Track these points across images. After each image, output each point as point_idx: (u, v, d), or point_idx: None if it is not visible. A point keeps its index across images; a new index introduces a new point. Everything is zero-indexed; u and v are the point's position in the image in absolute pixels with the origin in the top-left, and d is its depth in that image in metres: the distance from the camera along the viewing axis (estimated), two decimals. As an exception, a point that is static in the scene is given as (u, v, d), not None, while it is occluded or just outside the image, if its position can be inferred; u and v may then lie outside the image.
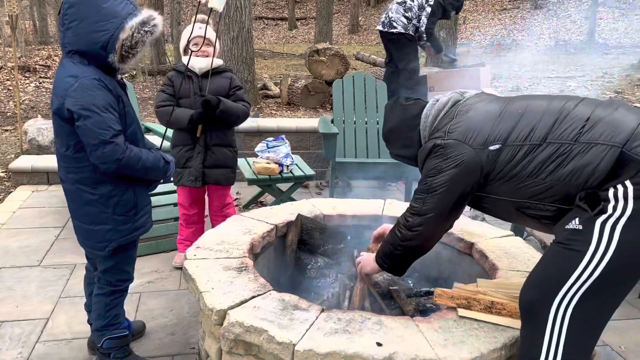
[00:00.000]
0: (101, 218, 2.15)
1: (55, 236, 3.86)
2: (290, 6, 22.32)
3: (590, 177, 1.58)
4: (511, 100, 1.86)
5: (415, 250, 1.96)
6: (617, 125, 1.58)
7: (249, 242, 2.54)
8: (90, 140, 1.98)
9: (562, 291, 1.58)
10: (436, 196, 1.82)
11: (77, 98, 1.95)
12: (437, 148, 1.83)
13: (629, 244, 1.51)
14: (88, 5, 1.94)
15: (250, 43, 6.67)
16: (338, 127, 4.69)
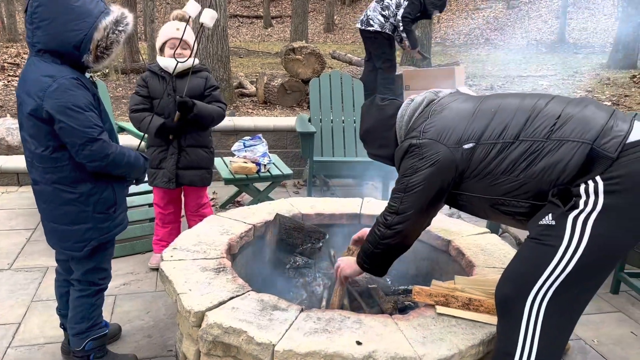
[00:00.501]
0: (81, 217, 2.11)
1: (27, 238, 3.77)
2: (266, 4, 22.23)
3: (561, 173, 1.61)
4: (484, 99, 1.89)
5: (395, 248, 1.97)
6: (587, 122, 1.62)
7: (226, 243, 2.52)
8: (77, 140, 1.94)
9: (537, 286, 1.61)
10: (413, 195, 1.84)
11: (58, 99, 1.91)
12: (412, 148, 1.86)
13: (600, 238, 1.55)
14: (59, 3, 1.89)
15: (225, 41, 6.61)
16: (315, 125, 4.69)
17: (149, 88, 3.17)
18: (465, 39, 18.09)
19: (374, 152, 2.18)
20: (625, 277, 3.07)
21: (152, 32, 9.82)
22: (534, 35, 17.04)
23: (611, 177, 1.55)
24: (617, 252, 1.63)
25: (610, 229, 1.55)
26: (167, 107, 3.14)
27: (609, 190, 1.54)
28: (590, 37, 16.00)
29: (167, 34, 3.10)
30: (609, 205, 1.54)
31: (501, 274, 1.77)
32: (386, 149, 2.09)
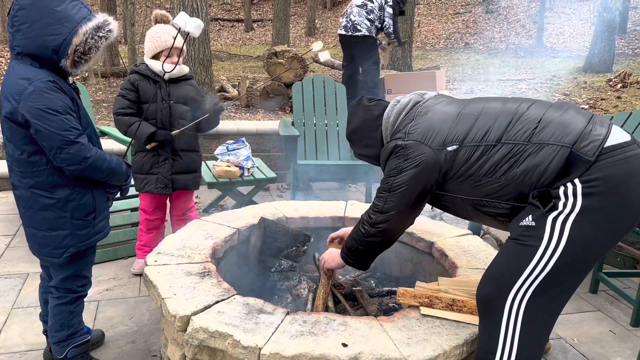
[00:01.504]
0: (59, 223, 2.08)
1: (6, 245, 3.70)
2: (247, 8, 22.16)
3: (542, 176, 1.65)
4: (468, 103, 1.93)
5: (378, 245, 2.02)
6: (566, 126, 1.66)
7: (210, 247, 2.51)
8: (53, 144, 1.92)
9: (517, 285, 1.65)
10: (397, 195, 1.88)
11: (34, 101, 1.89)
12: (397, 149, 1.89)
13: (578, 239, 1.60)
14: (40, 7, 1.88)
15: (207, 45, 6.60)
16: (298, 129, 4.70)
17: (139, 92, 3.11)
18: (445, 43, 18.24)
19: (360, 151, 2.20)
20: (604, 276, 3.13)
21: (132, 35, 9.73)
22: (512, 39, 17.27)
23: (589, 179, 1.59)
24: (595, 252, 1.67)
25: (588, 230, 1.60)
26: (160, 112, 3.12)
27: (587, 192, 1.58)
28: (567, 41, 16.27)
29: (165, 44, 3.07)
30: (587, 207, 1.58)
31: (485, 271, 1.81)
32: (372, 148, 2.12)
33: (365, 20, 5.82)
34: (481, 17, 19.85)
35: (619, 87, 8.37)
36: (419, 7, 21.37)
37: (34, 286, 3.07)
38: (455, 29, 19.26)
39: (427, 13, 21.14)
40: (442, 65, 11.88)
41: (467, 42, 17.83)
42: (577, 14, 17.84)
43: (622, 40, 14.76)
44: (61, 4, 1.90)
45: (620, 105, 7.40)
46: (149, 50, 3.14)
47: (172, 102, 3.13)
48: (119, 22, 2.09)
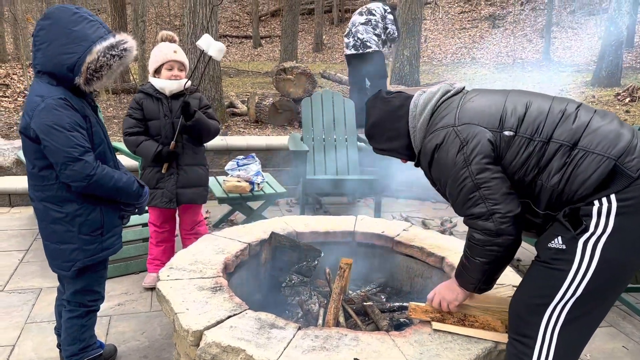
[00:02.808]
0: (67, 237, 2.14)
1: (19, 259, 3.75)
2: (255, 24, 22.41)
3: (581, 185, 1.61)
4: (509, 94, 1.82)
5: (515, 246, 1.74)
6: (613, 137, 1.62)
7: (222, 262, 2.53)
8: (59, 160, 1.98)
9: (549, 309, 1.64)
10: (488, 184, 1.69)
11: (44, 118, 1.96)
12: (451, 136, 1.75)
13: (609, 261, 1.58)
14: (59, 28, 1.96)
15: (217, 62, 6.68)
16: (307, 144, 4.73)
17: (144, 110, 3.18)
18: (452, 57, 18.33)
19: (382, 146, 2.07)
20: (615, 291, 3.11)
21: (142, 52, 9.87)
22: (519, 53, 17.31)
23: (626, 197, 1.56)
24: (626, 272, 1.65)
25: (619, 251, 1.58)
26: (163, 129, 3.17)
27: (621, 212, 1.56)
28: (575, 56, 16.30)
29: (165, 57, 3.14)
30: (619, 228, 1.56)
31: (494, 289, 1.81)
32: (396, 140, 2.00)
33: (373, 36, 5.93)
34: (488, 31, 19.94)
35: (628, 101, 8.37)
36: (425, 23, 21.52)
37: (47, 301, 3.10)
38: (462, 44, 19.35)
39: (433, 28, 21.27)
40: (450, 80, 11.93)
41: (474, 56, 17.90)
42: (583, 28, 17.87)
43: (630, 54, 14.77)
44: (78, 24, 1.96)
45: (629, 119, 7.40)
46: (151, 66, 3.24)
47: (174, 118, 3.18)
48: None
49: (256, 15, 22.49)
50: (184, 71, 3.23)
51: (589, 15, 17.78)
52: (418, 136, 1.94)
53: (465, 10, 21.79)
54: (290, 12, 12.80)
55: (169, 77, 3.17)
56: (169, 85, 3.17)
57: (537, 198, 1.70)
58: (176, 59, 3.14)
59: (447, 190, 1.81)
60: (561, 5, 19.19)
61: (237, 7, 26.13)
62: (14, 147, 5.29)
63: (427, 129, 1.90)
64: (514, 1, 21.00)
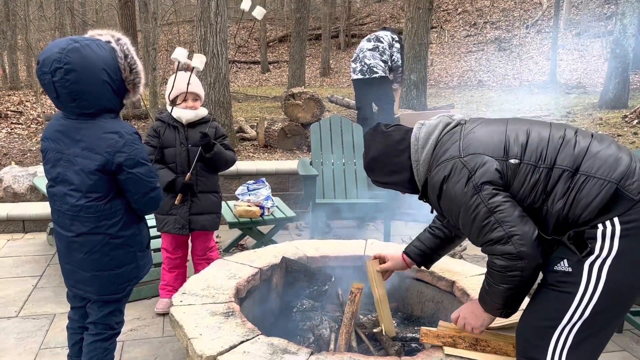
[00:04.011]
0: (127, 258, 2.22)
1: (33, 285, 3.78)
2: (263, 50, 22.74)
3: (585, 209, 1.63)
4: (509, 122, 1.85)
5: (537, 268, 1.72)
6: (613, 161, 1.65)
7: (234, 287, 2.56)
8: (141, 189, 2.13)
9: (557, 331, 1.66)
10: (501, 207, 1.70)
11: (127, 151, 2.07)
12: (458, 167, 1.77)
13: (615, 283, 1.60)
14: (87, 74, 1.98)
15: (227, 88, 6.80)
16: (316, 168, 4.78)
17: (161, 138, 3.25)
18: (458, 80, 18.45)
19: (383, 180, 2.08)
20: (629, 315, 3.09)
21: (153, 79, 10.04)
22: (525, 76, 17.40)
23: (629, 220, 1.59)
24: (632, 294, 1.68)
25: (625, 273, 1.61)
26: (179, 156, 3.24)
27: (624, 234, 1.59)
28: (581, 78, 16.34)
29: (180, 89, 3.20)
30: (624, 250, 1.59)
31: (519, 319, 1.82)
32: (398, 174, 2.01)
33: (380, 62, 6.02)
34: (494, 54, 20.08)
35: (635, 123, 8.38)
36: (432, 47, 21.74)
37: (61, 327, 3.12)
38: (468, 67, 19.49)
39: (439, 52, 21.47)
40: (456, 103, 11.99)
41: (481, 79, 18.00)
42: (589, 50, 17.96)
43: (637, 76, 14.79)
44: (100, 65, 2.00)
45: (637, 141, 7.39)
46: (167, 96, 3.30)
47: (189, 146, 3.24)
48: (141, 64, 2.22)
49: (264, 41, 22.83)
50: (199, 100, 3.30)
51: (594, 38, 17.88)
52: (421, 170, 1.95)
53: (471, 34, 22.01)
54: (298, 39, 13.00)
55: (184, 107, 3.25)
56: (186, 114, 3.24)
57: (544, 223, 1.73)
58: (191, 91, 3.21)
59: (460, 221, 1.81)
60: (567, 28, 19.33)
61: (245, 33, 26.55)
62: (29, 173, 5.38)
63: (431, 163, 1.91)
64: (519, 24, 21.19)
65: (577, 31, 19.23)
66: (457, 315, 2.04)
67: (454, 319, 2.06)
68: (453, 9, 24.40)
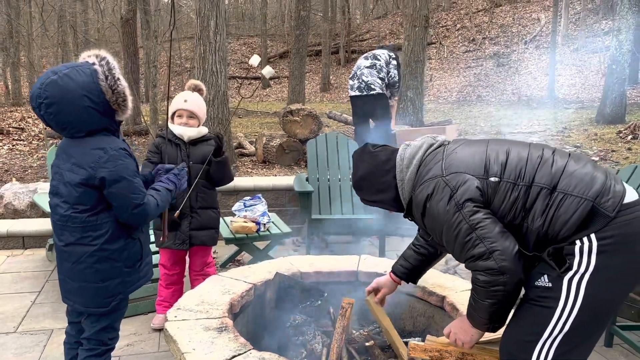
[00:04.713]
0: (112, 273, 2.24)
1: (32, 301, 3.83)
2: (264, 66, 22.95)
3: (563, 226, 1.69)
4: (489, 142, 1.93)
5: (519, 283, 1.76)
6: (589, 180, 1.71)
7: (228, 302, 2.60)
8: (123, 204, 2.16)
9: (539, 345, 1.71)
10: (482, 224, 1.75)
11: (110, 167, 2.11)
12: (440, 186, 1.83)
13: (593, 297, 1.66)
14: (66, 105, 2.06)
15: (225, 105, 6.89)
16: (313, 184, 4.85)
17: (162, 154, 3.30)
18: (457, 96, 18.59)
19: (371, 198, 2.15)
20: (618, 330, 3.13)
21: (154, 96, 10.16)
22: (524, 91, 17.53)
23: (605, 236, 1.65)
24: (610, 308, 1.73)
25: (602, 288, 1.66)
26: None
27: (601, 250, 1.64)
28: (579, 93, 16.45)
29: (177, 105, 3.32)
30: (601, 266, 1.64)
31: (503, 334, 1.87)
32: (384, 193, 2.08)
33: (377, 79, 6.10)
34: (492, 70, 20.23)
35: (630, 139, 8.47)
36: (431, 62, 21.93)
37: (59, 342, 3.15)
38: (467, 82, 19.63)
39: (439, 67, 21.64)
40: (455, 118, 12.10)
41: (479, 94, 18.14)
42: (587, 65, 18.10)
43: (635, 91, 14.91)
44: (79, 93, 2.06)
45: (630, 156, 7.46)
46: (169, 112, 3.36)
47: (191, 163, 3.31)
48: (141, 81, 2.29)
49: (265, 57, 23.06)
50: (195, 119, 3.36)
51: (592, 53, 18.03)
52: (406, 189, 2.01)
53: (470, 50, 22.20)
54: (297, 55, 13.15)
55: (179, 124, 3.33)
56: (188, 132, 3.32)
57: (524, 240, 1.78)
58: (185, 108, 3.30)
59: (444, 238, 1.86)
60: (565, 44, 19.50)
61: (246, 50, 26.82)
62: (29, 190, 5.44)
63: (415, 182, 1.97)
64: (517, 40, 21.38)
65: (575, 47, 19.40)
66: (449, 331, 2.09)
67: (446, 334, 2.10)
68: (452, 25, 24.64)
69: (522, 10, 23.30)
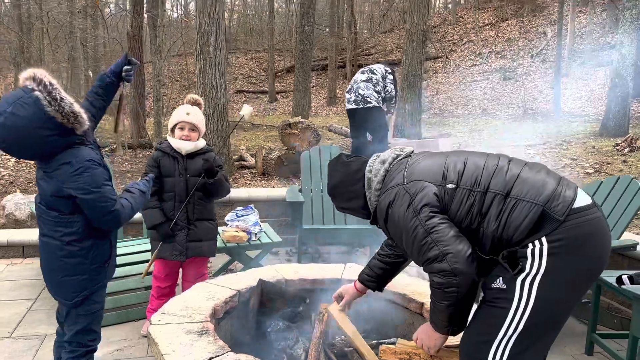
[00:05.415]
0: (79, 269, 2.34)
1: (28, 308, 3.92)
2: (271, 80, 23.19)
3: (516, 230, 1.77)
4: (450, 153, 2.04)
5: (473, 284, 1.83)
6: (540, 186, 1.80)
7: (211, 307, 2.67)
8: (94, 213, 2.24)
9: (494, 345, 1.78)
10: (437, 228, 1.84)
11: (77, 180, 2.19)
12: (401, 193, 1.93)
13: (544, 299, 1.72)
14: (24, 142, 2.12)
15: (225, 118, 7.03)
16: (306, 195, 4.93)
17: (161, 168, 3.39)
18: (463, 109, 18.65)
19: (343, 205, 2.28)
20: (598, 338, 3.16)
21: (158, 110, 10.34)
22: (530, 104, 17.55)
23: (555, 239, 1.72)
24: (563, 308, 1.80)
25: (553, 289, 1.73)
26: (177, 186, 3.39)
27: (551, 252, 1.72)
28: (585, 106, 16.46)
29: (179, 118, 3.39)
30: (551, 268, 1.71)
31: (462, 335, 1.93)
32: (355, 200, 2.19)
33: (374, 93, 6.20)
34: (499, 83, 20.29)
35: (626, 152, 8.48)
36: (437, 76, 22.04)
37: (51, 347, 3.22)
38: (473, 96, 19.69)
39: (445, 81, 21.73)
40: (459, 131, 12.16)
41: (485, 107, 18.19)
42: (593, 79, 18.11)
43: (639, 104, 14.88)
44: (31, 127, 2.08)
45: (625, 169, 7.46)
46: (169, 125, 3.47)
47: (188, 176, 3.39)
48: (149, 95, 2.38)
49: (272, 72, 23.30)
50: (196, 132, 3.43)
51: (598, 67, 18.04)
52: (373, 197, 2.12)
53: (477, 63, 22.29)
54: (301, 70, 13.33)
55: (180, 136, 3.39)
56: (185, 145, 3.39)
57: (481, 244, 1.86)
58: (187, 120, 3.37)
59: (404, 243, 1.96)
60: (571, 57, 19.53)
61: (254, 64, 27.11)
62: (30, 201, 5.57)
63: (381, 190, 2.08)
64: (524, 54, 21.45)
65: (581, 60, 19.41)
66: (416, 337, 2.16)
67: (414, 340, 2.17)
68: (458, 39, 24.78)
69: (528, 25, 23.39)
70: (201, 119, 3.48)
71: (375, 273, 2.50)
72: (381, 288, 2.56)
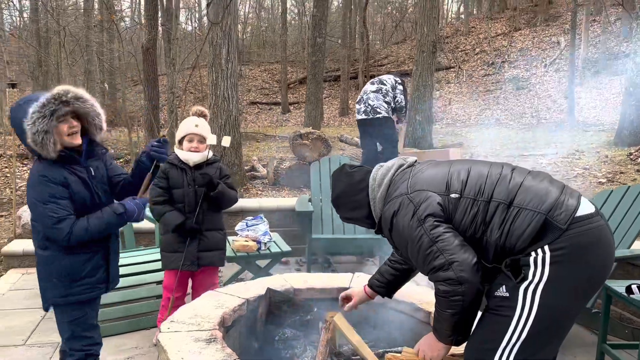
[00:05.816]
0: (45, 277, 2.44)
1: (42, 316, 3.99)
2: (283, 92, 23.35)
3: (519, 239, 1.79)
4: (452, 163, 2.05)
5: (478, 293, 1.84)
6: (543, 194, 1.81)
7: (220, 316, 2.71)
8: (40, 225, 2.34)
9: (498, 353, 1.79)
10: (442, 237, 1.85)
11: (30, 192, 2.32)
12: (405, 203, 1.94)
13: (547, 307, 1.73)
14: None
15: (237, 129, 7.11)
16: (316, 205, 4.96)
17: (169, 179, 3.44)
18: (476, 119, 18.59)
19: (346, 215, 2.28)
20: (608, 348, 3.14)
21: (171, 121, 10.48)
22: (543, 114, 17.44)
23: (558, 247, 1.73)
24: (565, 317, 1.80)
25: (556, 297, 1.74)
26: (187, 197, 3.44)
27: (554, 261, 1.73)
28: (600, 115, 16.30)
29: (187, 129, 3.44)
30: (554, 276, 1.73)
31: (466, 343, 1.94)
32: (359, 210, 2.20)
33: (383, 103, 6.26)
34: (512, 93, 20.20)
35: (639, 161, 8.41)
36: (450, 86, 22.02)
37: (63, 354, 3.30)
38: (486, 106, 19.63)
39: (457, 91, 21.70)
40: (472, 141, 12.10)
41: (498, 117, 18.11)
42: (608, 88, 17.95)
43: (655, 113, 14.69)
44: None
45: (638, 178, 7.39)
46: (177, 137, 3.52)
47: (197, 187, 3.44)
48: (163, 107, 2.44)
49: (285, 83, 23.46)
50: (204, 143, 3.49)
51: (613, 76, 17.89)
52: (377, 206, 2.13)
53: (489, 73, 22.24)
54: (313, 81, 13.41)
55: (188, 148, 3.44)
56: (193, 156, 3.44)
57: (484, 252, 1.87)
58: (196, 132, 3.43)
59: (409, 252, 1.97)
60: (585, 67, 19.40)
61: (267, 76, 27.33)
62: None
63: (385, 200, 2.10)
64: (537, 63, 21.36)
65: (595, 69, 19.27)
66: (418, 348, 2.16)
67: (416, 352, 2.17)
68: (471, 49, 24.76)
69: (541, 34, 23.31)
70: (209, 130, 3.53)
71: (385, 279, 2.51)
72: (390, 294, 2.57)
